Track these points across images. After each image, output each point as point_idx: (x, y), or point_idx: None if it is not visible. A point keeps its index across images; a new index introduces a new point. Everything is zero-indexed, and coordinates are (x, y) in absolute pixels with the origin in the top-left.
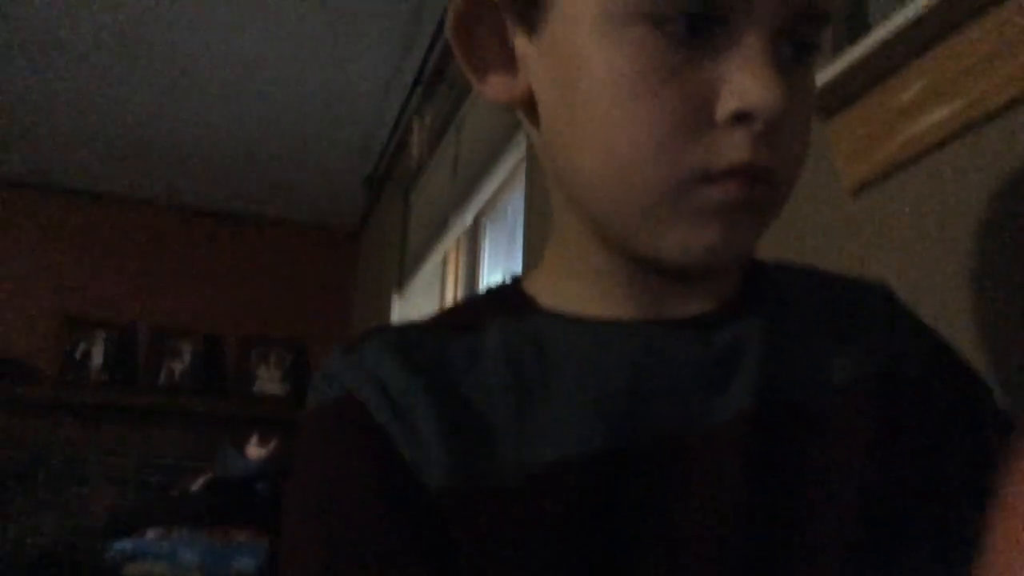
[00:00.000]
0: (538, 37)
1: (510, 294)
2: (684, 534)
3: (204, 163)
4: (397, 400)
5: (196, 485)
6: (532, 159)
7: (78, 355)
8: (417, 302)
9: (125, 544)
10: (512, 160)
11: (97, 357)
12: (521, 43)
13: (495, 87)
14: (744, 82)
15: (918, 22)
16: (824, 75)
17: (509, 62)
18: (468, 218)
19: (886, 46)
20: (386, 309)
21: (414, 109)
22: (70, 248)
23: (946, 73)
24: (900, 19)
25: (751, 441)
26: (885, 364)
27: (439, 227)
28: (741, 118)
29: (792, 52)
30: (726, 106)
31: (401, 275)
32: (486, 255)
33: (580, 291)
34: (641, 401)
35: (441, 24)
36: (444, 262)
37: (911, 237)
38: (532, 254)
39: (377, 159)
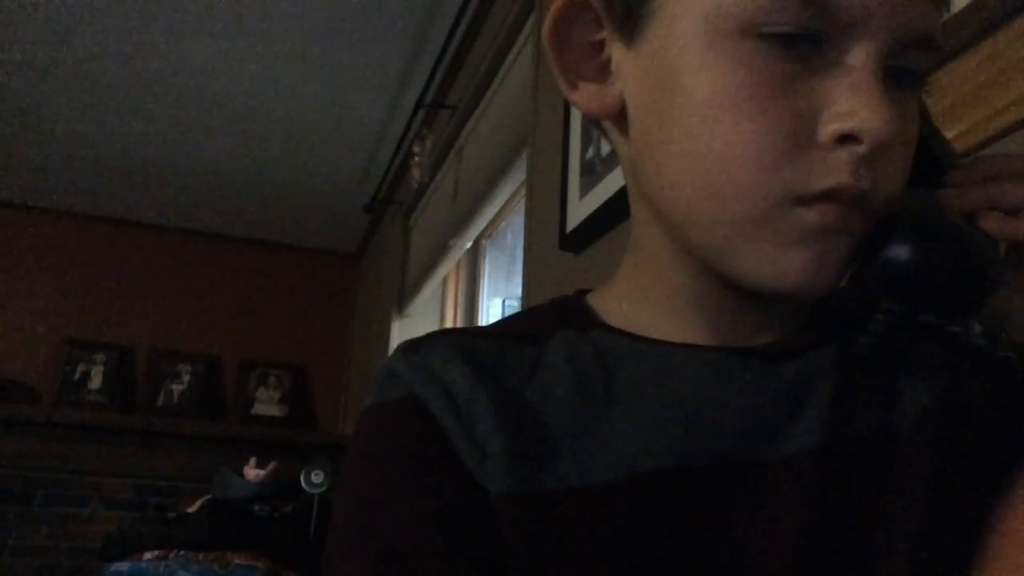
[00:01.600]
0: (636, 46)
1: (574, 307)
2: (742, 560)
3: (205, 187)
4: (460, 404)
5: (194, 507)
6: (532, 184)
7: (76, 377)
8: (417, 325)
9: (122, 566)
10: (512, 184)
11: (96, 379)
12: (618, 52)
13: (587, 96)
14: (852, 103)
15: None
16: None
17: (602, 71)
18: (468, 241)
19: None
20: (386, 331)
21: (415, 134)
22: (70, 270)
23: (954, 93)
24: None
25: (815, 476)
26: (952, 394)
27: (439, 250)
28: (845, 140)
29: (897, 78)
30: (830, 127)
31: (401, 298)
32: (486, 278)
33: (650, 311)
34: (707, 428)
35: (443, 53)
36: (444, 285)
37: None
38: (532, 278)
39: (378, 184)
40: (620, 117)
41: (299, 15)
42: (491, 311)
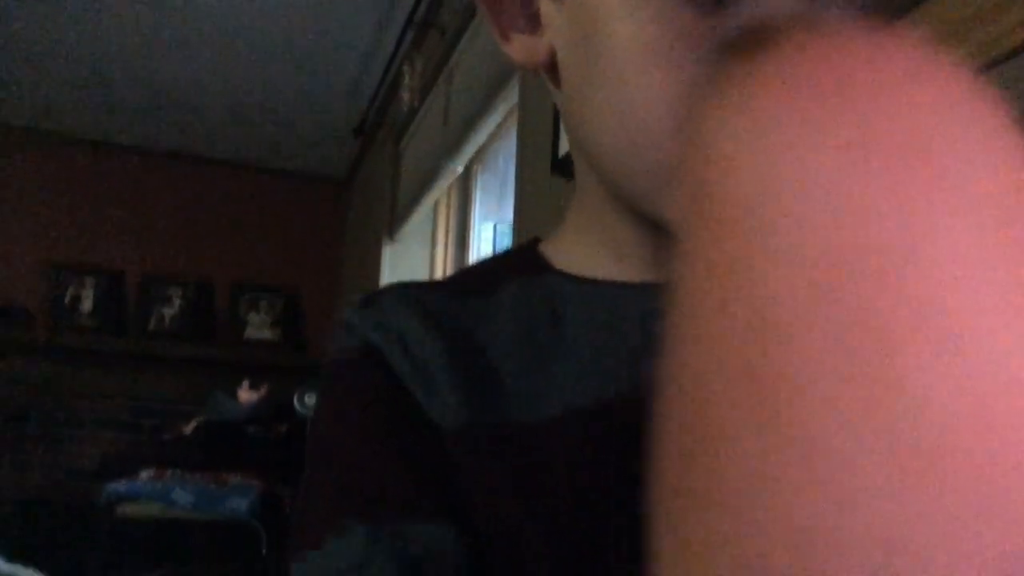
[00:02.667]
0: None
1: (526, 255)
2: None
3: (194, 111)
4: (413, 349)
5: (188, 429)
6: (524, 107)
7: (67, 300)
8: (408, 250)
9: (118, 486)
10: (504, 108)
11: (87, 303)
12: (545, 3)
13: (519, 48)
14: None
15: None
16: None
17: (534, 23)
18: (459, 166)
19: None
20: (377, 257)
21: (404, 56)
22: (59, 194)
23: (939, 26)
24: None
25: None
26: None
27: (430, 175)
28: None
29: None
30: None
31: (392, 223)
32: (477, 203)
33: (596, 254)
34: (651, 358)
35: None
36: (435, 210)
37: None
38: (524, 202)
39: (367, 107)
40: (553, 69)
41: None
42: (483, 236)
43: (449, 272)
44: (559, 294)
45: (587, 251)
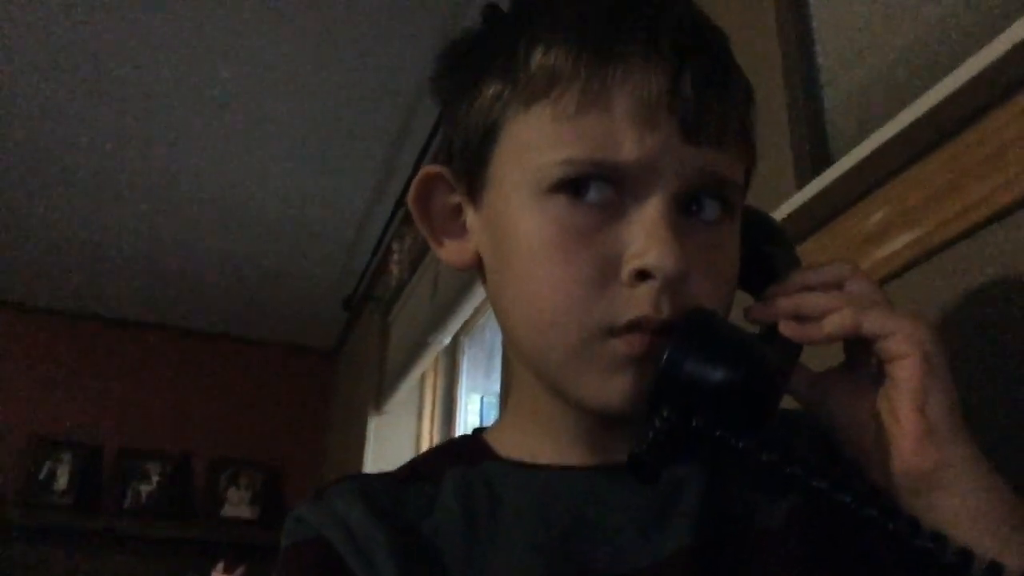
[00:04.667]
0: (480, 208)
1: (469, 444)
2: None
3: (180, 281)
4: (359, 541)
5: None
6: None
7: (43, 476)
8: (395, 422)
9: None
10: None
11: (62, 478)
12: (470, 214)
13: (449, 251)
14: (644, 244)
15: (879, 154)
16: (789, 205)
17: (461, 230)
18: (447, 338)
19: (849, 176)
20: (362, 429)
21: (394, 232)
22: (38, 366)
23: (908, 201)
24: (861, 152)
25: (690, 574)
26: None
27: (418, 346)
28: (641, 276)
29: (707, 209)
30: (628, 266)
31: (379, 394)
32: (464, 374)
33: (534, 438)
34: (584, 543)
35: (424, 151)
36: (422, 381)
37: None
38: (510, 374)
39: (357, 280)
40: (480, 268)
41: (281, 112)
42: (469, 408)
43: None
44: (497, 481)
45: (525, 436)
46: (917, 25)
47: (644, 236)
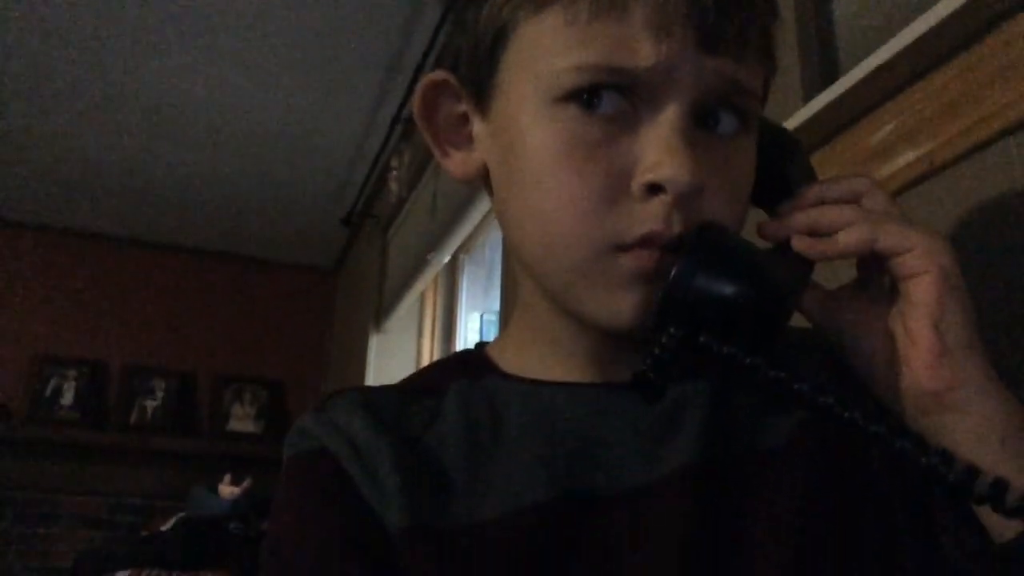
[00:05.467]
0: (488, 117)
1: (473, 358)
2: None
3: (181, 201)
4: (362, 451)
5: (167, 525)
6: None
7: (48, 393)
8: (395, 340)
9: None
10: (489, 200)
11: (68, 395)
12: (476, 123)
13: (455, 162)
14: (657, 157)
15: (888, 67)
16: (796, 119)
17: (467, 140)
18: (446, 256)
19: (857, 90)
20: (363, 346)
21: (393, 148)
22: (43, 285)
23: (917, 115)
24: (870, 64)
25: (692, 493)
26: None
27: (417, 265)
28: (653, 190)
29: (724, 121)
30: (640, 179)
31: (379, 312)
32: (464, 293)
33: (538, 355)
34: (586, 458)
35: (421, 66)
36: (422, 300)
37: None
38: (510, 292)
39: (356, 198)
40: (486, 180)
41: (278, 30)
42: (469, 326)
43: None
44: (500, 396)
45: (529, 352)
46: None
47: (657, 148)
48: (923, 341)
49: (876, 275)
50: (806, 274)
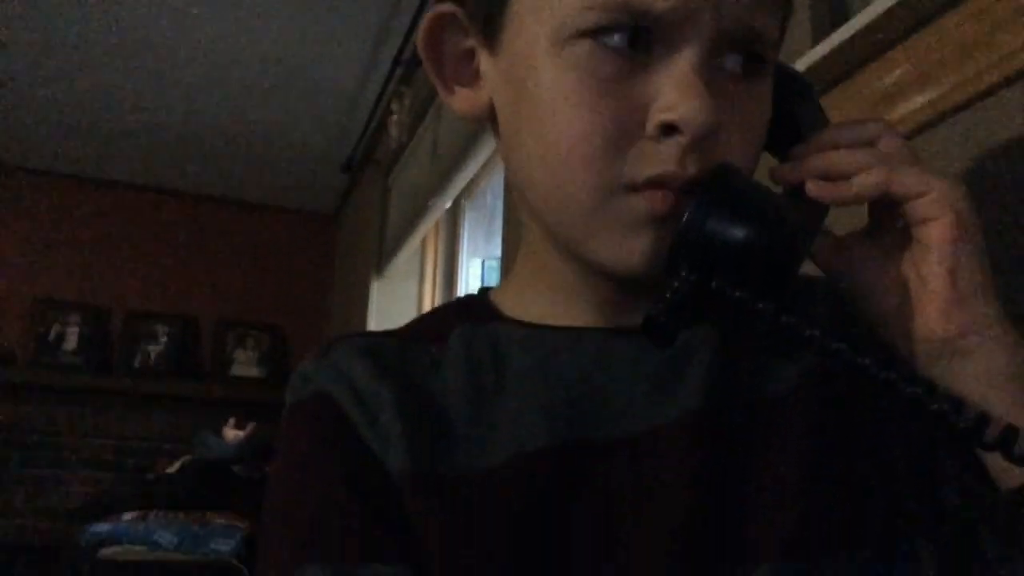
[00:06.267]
0: (496, 53)
1: (476, 303)
2: (631, 526)
3: (180, 146)
4: (364, 396)
5: (173, 468)
6: None
7: (51, 338)
8: (396, 286)
9: (101, 527)
10: (491, 144)
11: (71, 340)
12: (484, 59)
13: (460, 100)
14: (673, 97)
15: (900, 8)
16: (805, 61)
17: (473, 77)
18: (447, 201)
19: (868, 32)
20: (364, 293)
21: (393, 92)
22: (43, 230)
23: (928, 58)
24: (881, 5)
25: (696, 439)
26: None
27: (418, 210)
28: (669, 131)
29: (740, 64)
30: (655, 119)
31: (380, 259)
32: (465, 239)
33: (543, 300)
34: (589, 403)
35: (421, 8)
36: (423, 246)
37: None
38: (511, 238)
39: (356, 142)
40: (492, 119)
41: None
42: (471, 272)
43: None
44: (503, 341)
45: (533, 297)
46: None
47: (674, 88)
48: (936, 286)
49: (888, 220)
50: (819, 219)
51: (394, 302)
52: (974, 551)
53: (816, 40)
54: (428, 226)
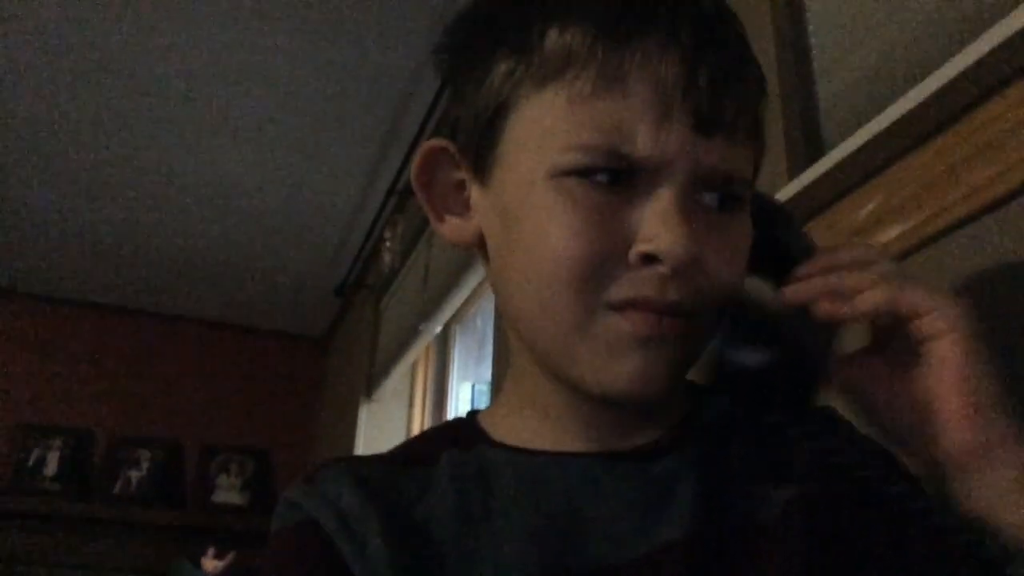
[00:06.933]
0: (487, 186)
1: (464, 427)
2: None
3: (171, 269)
4: (352, 524)
5: None
6: None
7: (32, 462)
8: (385, 409)
9: None
10: (481, 271)
11: (52, 465)
12: (475, 191)
13: (451, 228)
14: (654, 229)
15: (872, 144)
16: (782, 194)
17: (464, 207)
18: (438, 326)
19: (842, 166)
20: (353, 416)
21: (386, 219)
22: (26, 352)
23: (901, 191)
24: (855, 142)
25: (684, 568)
26: (823, 486)
27: (409, 334)
28: (649, 260)
29: (717, 200)
30: (636, 248)
31: (370, 382)
32: (456, 363)
33: (530, 424)
34: (577, 532)
35: (416, 140)
36: (413, 369)
37: None
38: (501, 363)
39: (349, 267)
40: (482, 247)
41: (272, 101)
42: (461, 396)
43: None
44: (491, 466)
45: (521, 421)
46: (910, 17)
47: (655, 221)
48: (953, 402)
49: (892, 338)
50: (831, 337)
51: (383, 425)
52: None
53: (792, 175)
54: (419, 350)
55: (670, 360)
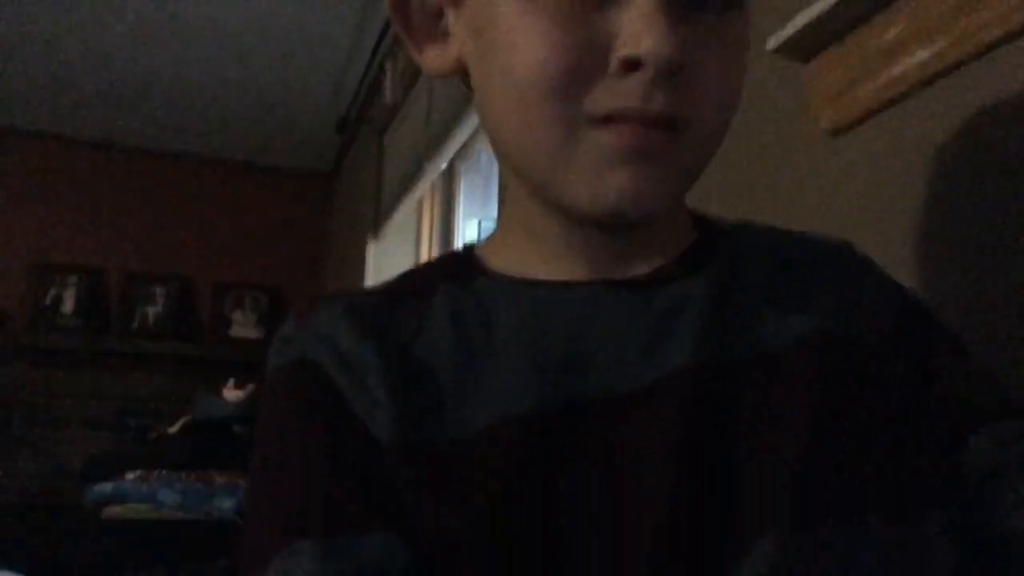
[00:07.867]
0: (461, 8)
1: (461, 259)
2: (622, 488)
3: (176, 107)
4: (349, 360)
5: (175, 428)
6: None
7: (48, 301)
8: (392, 246)
9: (104, 487)
10: None
11: (68, 303)
12: (450, 15)
13: (431, 58)
14: (636, 30)
15: None
16: (803, 17)
17: (442, 35)
18: (442, 163)
19: None
20: (361, 253)
21: (387, 51)
22: (39, 194)
23: (929, 13)
24: None
25: (687, 397)
26: (838, 324)
27: (414, 172)
28: (632, 65)
29: (704, 6)
30: (617, 53)
31: (376, 219)
32: (461, 200)
33: (529, 254)
34: (579, 361)
35: None
36: (419, 207)
37: (888, 179)
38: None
39: (350, 102)
40: (464, 74)
41: None
42: (467, 232)
43: None
44: (490, 298)
45: (520, 251)
46: None
47: (637, 21)
48: None
49: None
50: None
51: (390, 263)
52: (989, 509)
53: None
54: (424, 188)
55: (662, 177)
